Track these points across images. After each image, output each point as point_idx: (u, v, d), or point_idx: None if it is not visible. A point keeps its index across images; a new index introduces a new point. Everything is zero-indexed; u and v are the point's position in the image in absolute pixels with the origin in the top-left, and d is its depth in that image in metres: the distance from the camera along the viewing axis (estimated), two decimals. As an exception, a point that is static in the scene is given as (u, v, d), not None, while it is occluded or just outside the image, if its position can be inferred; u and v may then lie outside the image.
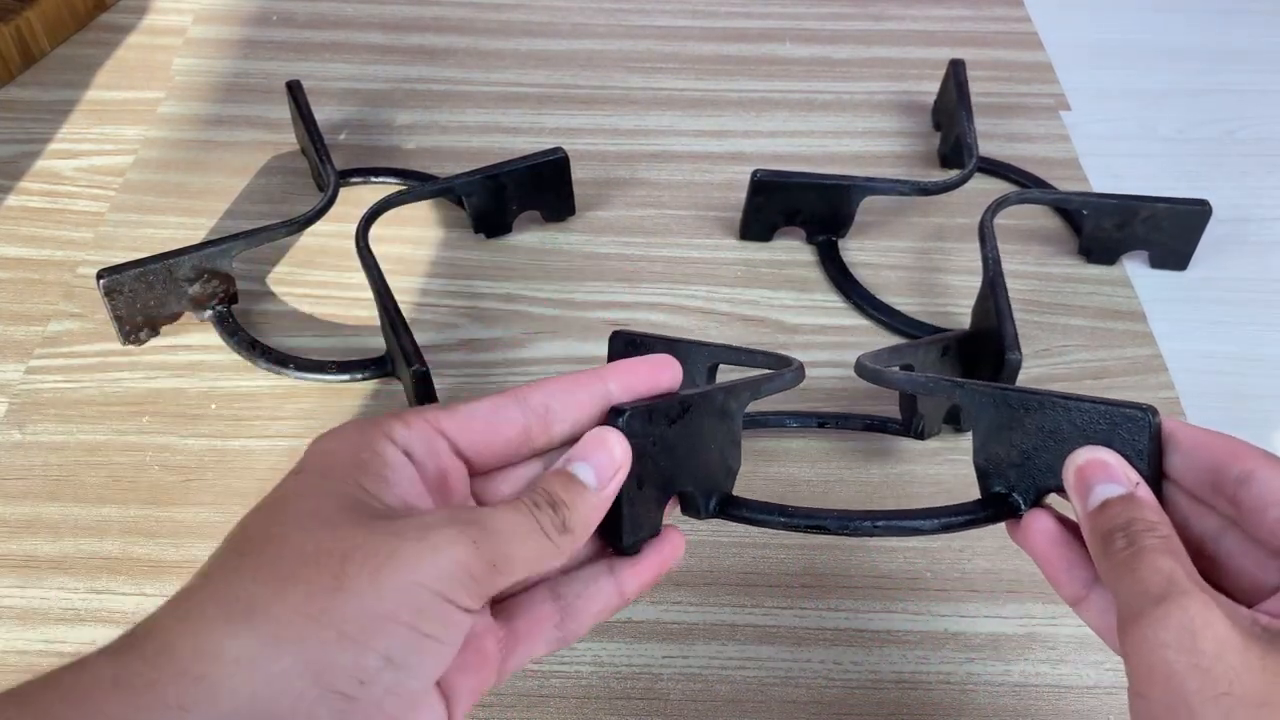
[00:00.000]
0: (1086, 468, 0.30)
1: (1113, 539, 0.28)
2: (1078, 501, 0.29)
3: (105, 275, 0.48)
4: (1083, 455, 0.30)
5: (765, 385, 0.35)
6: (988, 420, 0.32)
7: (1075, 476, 0.30)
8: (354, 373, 0.50)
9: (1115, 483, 0.29)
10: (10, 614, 0.42)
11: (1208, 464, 0.29)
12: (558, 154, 0.56)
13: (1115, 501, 0.29)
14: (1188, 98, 0.71)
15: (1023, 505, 0.32)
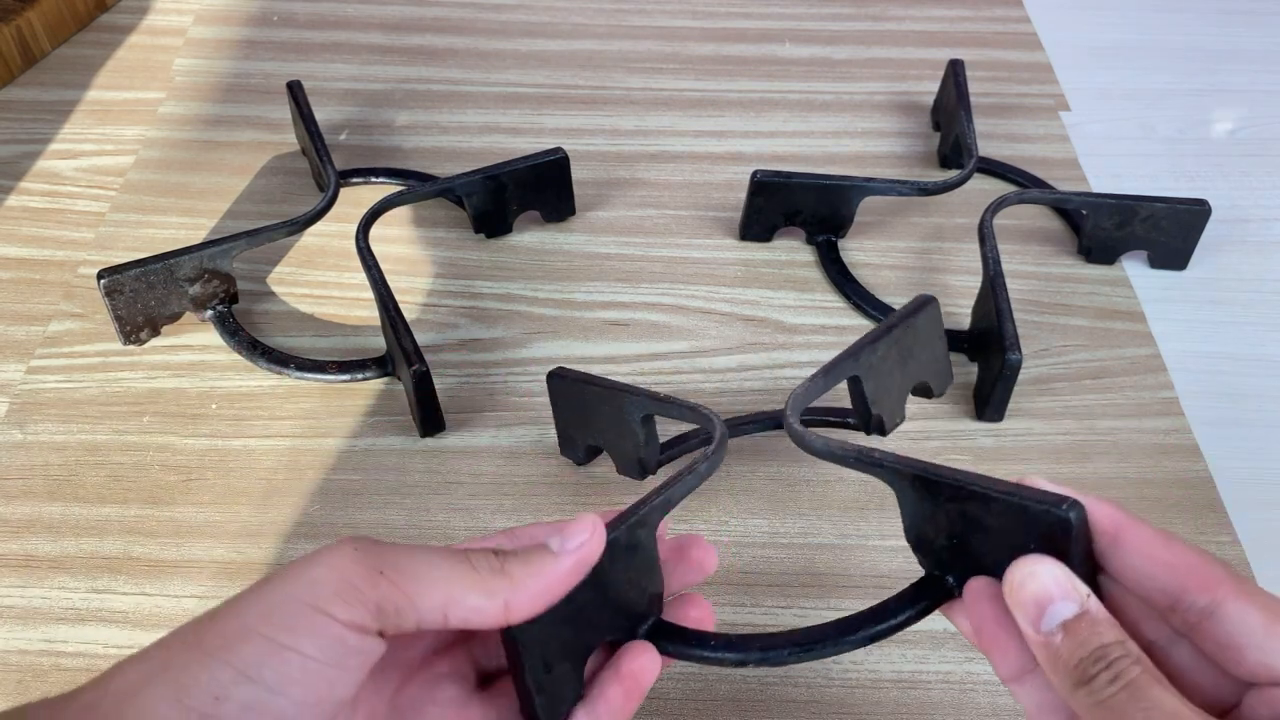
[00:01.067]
0: (1029, 583, 0.27)
1: (1089, 673, 0.25)
2: (1027, 624, 0.27)
3: (106, 275, 0.48)
4: (1021, 570, 0.27)
5: (677, 495, 0.32)
6: (911, 501, 0.31)
7: (1018, 596, 0.27)
8: (354, 373, 0.50)
9: (1066, 600, 0.26)
10: (11, 614, 0.42)
11: (1167, 584, 0.26)
12: (558, 154, 0.56)
13: (1073, 624, 0.26)
14: (1187, 98, 0.71)
15: (957, 590, 0.30)
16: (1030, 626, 0.26)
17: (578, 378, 0.44)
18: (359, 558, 0.26)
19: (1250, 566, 0.45)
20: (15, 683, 0.40)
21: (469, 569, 0.27)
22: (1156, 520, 0.47)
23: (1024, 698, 0.28)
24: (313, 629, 0.25)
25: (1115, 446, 0.50)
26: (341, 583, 0.25)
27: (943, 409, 0.51)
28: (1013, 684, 0.28)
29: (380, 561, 0.26)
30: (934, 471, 0.30)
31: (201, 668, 0.24)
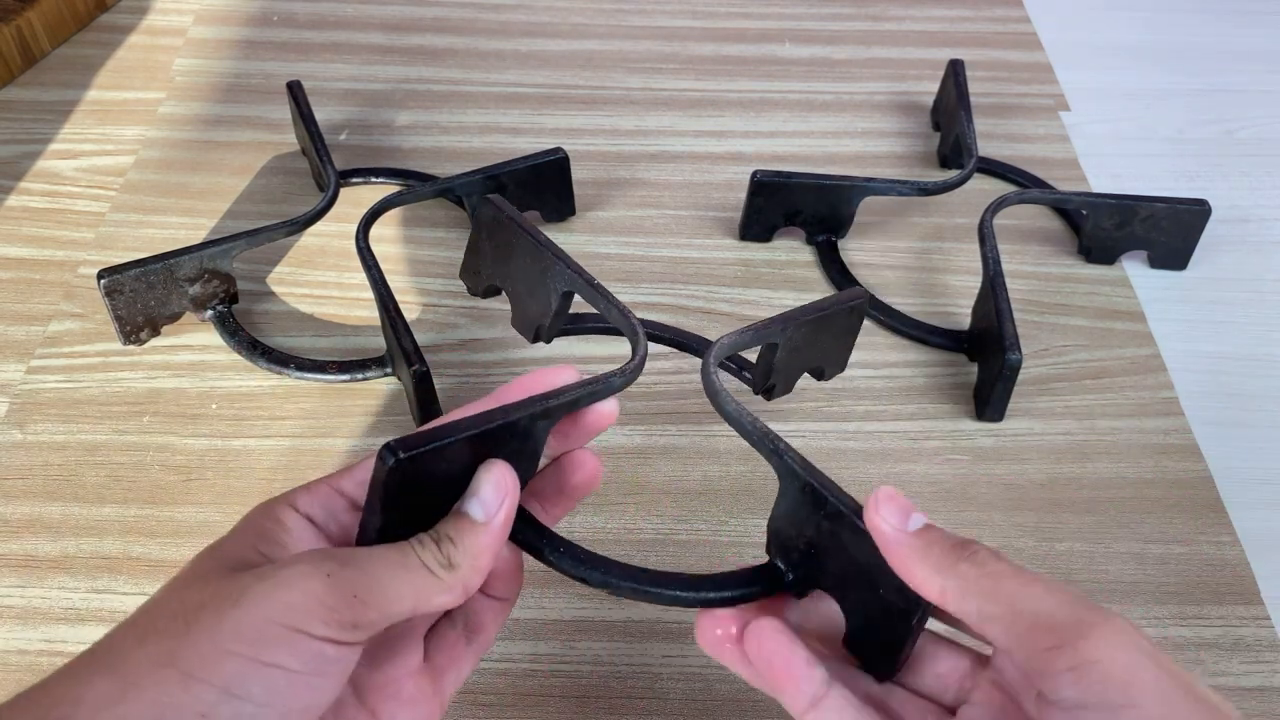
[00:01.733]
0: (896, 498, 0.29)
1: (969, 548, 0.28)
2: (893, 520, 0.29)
3: (106, 275, 0.48)
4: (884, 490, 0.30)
5: (584, 400, 0.33)
6: (791, 499, 0.32)
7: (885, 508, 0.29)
8: (354, 373, 0.50)
9: (920, 514, 0.29)
10: (11, 614, 0.42)
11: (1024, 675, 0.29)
12: (558, 154, 0.56)
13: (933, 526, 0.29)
14: (1187, 98, 0.71)
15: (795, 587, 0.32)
16: (897, 530, 0.29)
17: (511, 217, 0.42)
18: (332, 585, 0.27)
19: (1250, 566, 0.45)
20: (15, 683, 0.40)
21: (424, 575, 0.29)
22: (1157, 520, 0.47)
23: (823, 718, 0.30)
24: (294, 647, 0.26)
25: (1115, 446, 0.50)
26: (318, 606, 0.26)
27: (943, 409, 0.51)
28: (811, 713, 0.30)
29: (351, 586, 0.27)
30: (825, 486, 0.31)
31: (181, 688, 0.25)
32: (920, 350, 0.53)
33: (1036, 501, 0.47)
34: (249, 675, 0.25)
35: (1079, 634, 0.25)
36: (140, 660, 0.25)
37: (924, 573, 0.28)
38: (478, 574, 0.30)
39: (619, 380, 0.34)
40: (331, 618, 0.26)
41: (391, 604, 0.28)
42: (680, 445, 0.49)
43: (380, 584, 0.28)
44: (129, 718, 0.24)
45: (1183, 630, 0.43)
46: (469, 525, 0.30)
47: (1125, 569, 0.45)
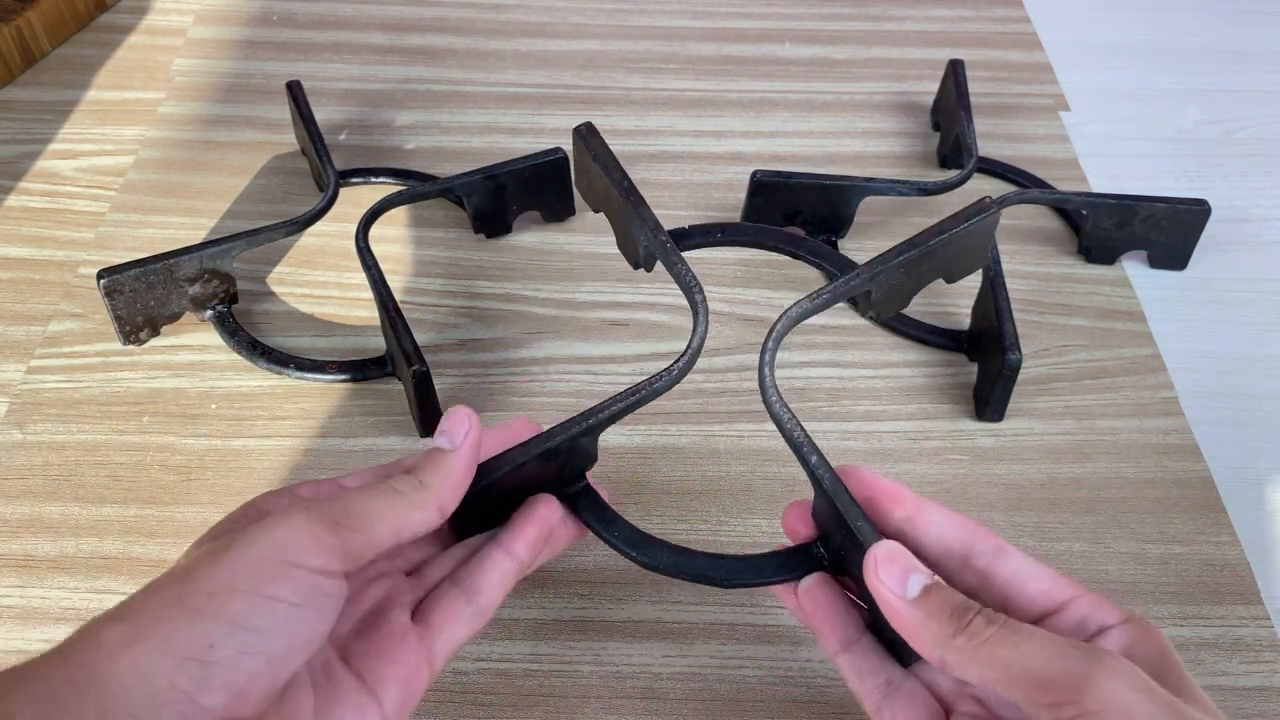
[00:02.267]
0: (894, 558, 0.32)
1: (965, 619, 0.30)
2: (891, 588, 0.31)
3: (105, 275, 0.48)
4: (882, 548, 0.32)
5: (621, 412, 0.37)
6: (822, 502, 0.36)
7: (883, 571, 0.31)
8: (354, 373, 0.50)
9: (919, 572, 0.31)
10: (11, 614, 0.42)
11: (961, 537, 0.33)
12: (557, 154, 0.56)
13: (932, 589, 0.31)
14: (1187, 98, 0.71)
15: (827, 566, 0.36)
16: (898, 592, 0.31)
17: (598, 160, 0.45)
18: (313, 516, 0.29)
19: (1250, 566, 0.45)
20: (15, 683, 0.40)
21: (398, 495, 0.32)
22: (1157, 520, 0.47)
23: (846, 666, 0.35)
24: (291, 580, 0.28)
25: (1115, 446, 0.50)
26: (307, 538, 0.29)
27: (942, 409, 0.51)
28: (839, 656, 0.35)
29: (332, 514, 0.30)
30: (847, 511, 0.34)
31: (190, 622, 0.27)
32: (920, 350, 0.53)
33: (1036, 501, 0.47)
34: (252, 608, 0.27)
35: (1076, 690, 0.27)
36: (150, 606, 0.27)
37: (923, 644, 0.31)
38: (449, 492, 0.33)
39: (661, 384, 0.38)
40: (321, 548, 0.29)
41: (374, 525, 0.30)
42: (680, 445, 0.49)
43: (361, 510, 0.30)
44: (143, 654, 0.26)
45: (1182, 630, 0.43)
46: (438, 453, 0.34)
47: (1125, 569, 0.45)
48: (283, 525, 0.29)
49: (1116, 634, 0.30)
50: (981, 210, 0.42)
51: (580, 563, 0.44)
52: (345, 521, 0.30)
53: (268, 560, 0.28)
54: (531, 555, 0.36)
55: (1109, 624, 0.31)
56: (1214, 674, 0.42)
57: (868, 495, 0.35)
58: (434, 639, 0.34)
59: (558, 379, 0.51)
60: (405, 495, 0.32)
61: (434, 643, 0.34)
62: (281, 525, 0.29)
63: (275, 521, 0.29)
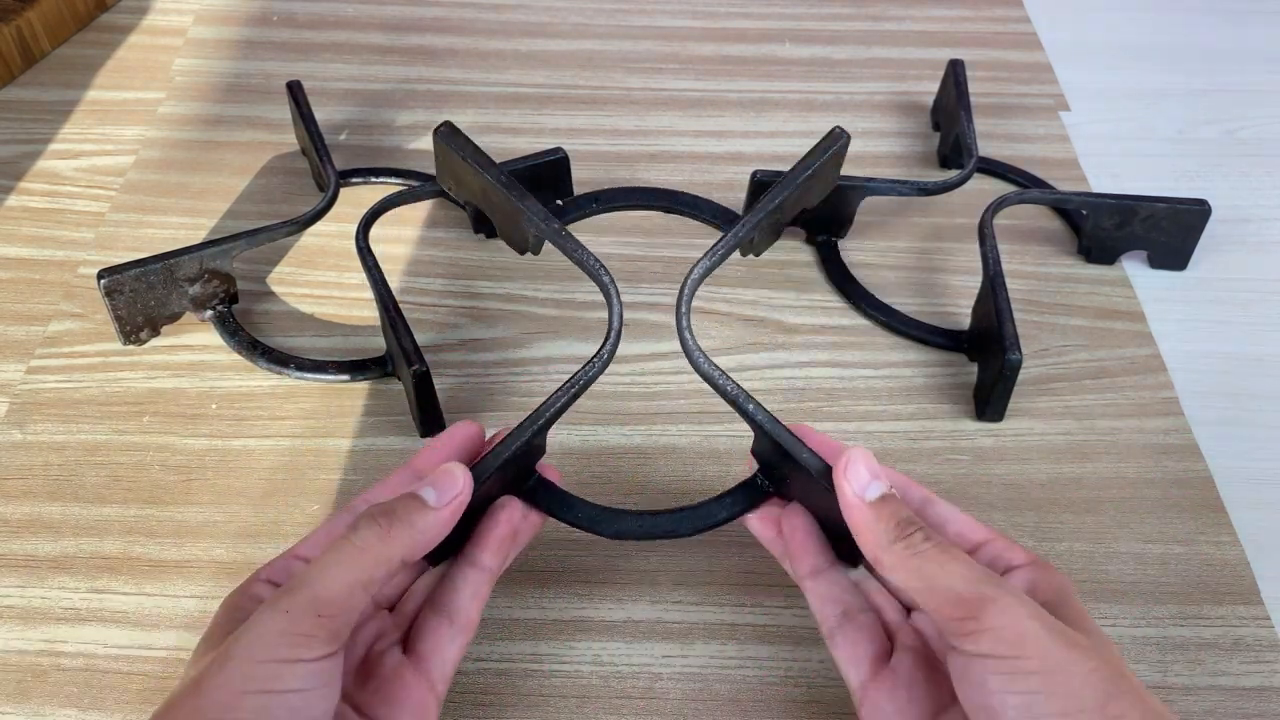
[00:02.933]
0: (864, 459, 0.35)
1: (906, 530, 0.33)
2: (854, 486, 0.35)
3: (106, 275, 0.48)
4: (850, 455, 0.35)
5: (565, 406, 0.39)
6: (764, 443, 0.39)
7: (850, 473, 0.35)
8: (354, 373, 0.50)
9: (880, 480, 0.35)
10: (11, 614, 0.42)
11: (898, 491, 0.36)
12: (558, 154, 0.56)
13: (888, 496, 0.35)
14: (1187, 98, 0.71)
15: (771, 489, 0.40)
16: (858, 496, 0.34)
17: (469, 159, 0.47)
18: (292, 618, 0.31)
19: (1250, 566, 0.45)
20: (15, 683, 0.40)
21: (362, 553, 0.32)
22: (1157, 520, 0.47)
23: (811, 590, 0.37)
24: (296, 674, 0.30)
25: (1115, 446, 0.50)
26: (289, 638, 0.30)
27: (943, 409, 0.51)
28: (805, 580, 0.38)
29: (312, 605, 0.31)
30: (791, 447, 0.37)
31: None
32: (920, 350, 0.53)
33: (1036, 501, 0.47)
34: (267, 704, 0.30)
35: (980, 608, 0.31)
36: None
37: (866, 541, 0.34)
38: (417, 549, 0.34)
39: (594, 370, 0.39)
40: (311, 643, 0.31)
41: (346, 600, 0.32)
42: (680, 445, 0.49)
43: (327, 588, 0.31)
44: None
45: (1182, 630, 0.43)
46: (418, 505, 0.34)
47: (1125, 569, 0.45)
48: (268, 627, 0.30)
49: (1022, 573, 0.34)
50: (833, 140, 0.47)
51: (581, 563, 0.44)
52: (324, 610, 0.31)
53: (270, 663, 0.30)
54: (499, 561, 0.37)
55: (1015, 563, 0.35)
56: (1214, 674, 0.42)
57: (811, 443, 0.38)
58: (429, 668, 0.35)
59: (558, 379, 0.51)
60: (369, 552, 0.32)
61: (430, 672, 0.35)
62: (267, 628, 0.30)
63: (264, 625, 0.31)
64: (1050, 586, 0.34)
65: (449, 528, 0.34)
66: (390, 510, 0.33)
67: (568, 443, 0.49)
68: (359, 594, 0.32)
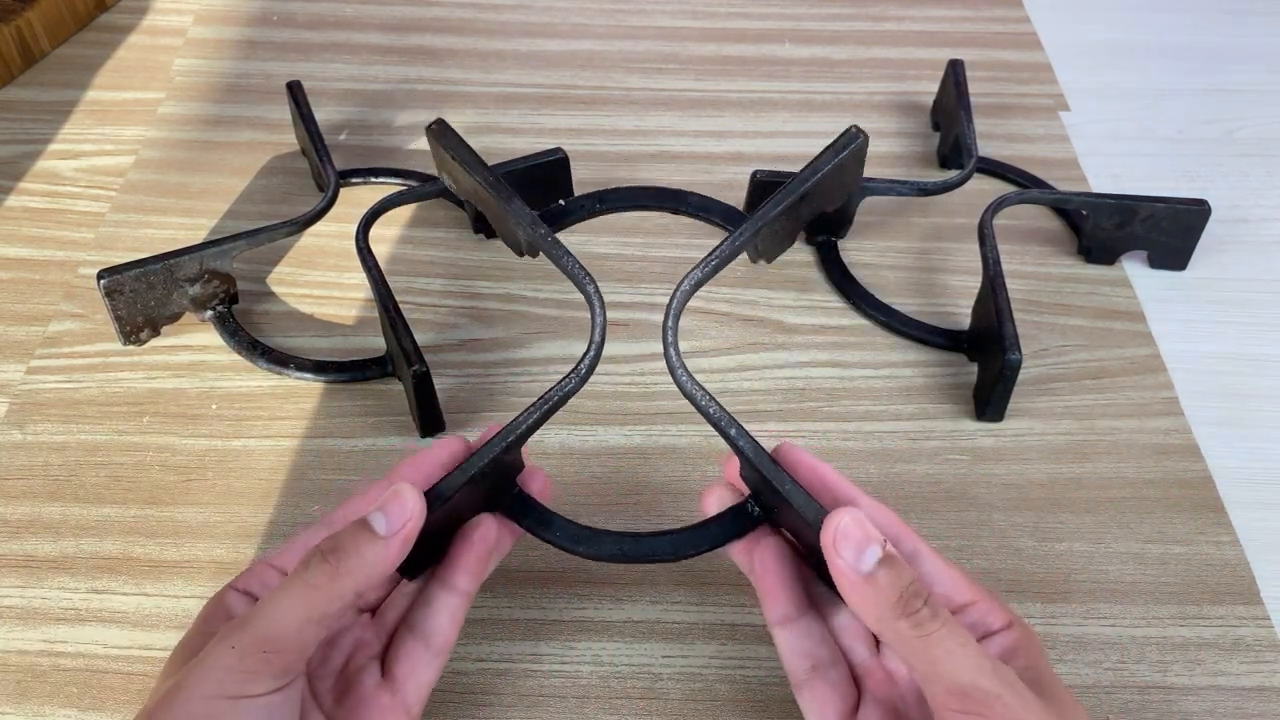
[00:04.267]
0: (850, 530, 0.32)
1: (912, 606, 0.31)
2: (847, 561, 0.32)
3: (106, 275, 0.48)
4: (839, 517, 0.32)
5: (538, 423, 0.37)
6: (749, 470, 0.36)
7: (839, 543, 0.32)
8: (354, 373, 0.50)
9: (875, 543, 0.32)
10: (11, 614, 0.42)
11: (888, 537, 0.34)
12: (558, 154, 0.56)
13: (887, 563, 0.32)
14: (1187, 98, 0.71)
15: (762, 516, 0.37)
16: (852, 570, 0.32)
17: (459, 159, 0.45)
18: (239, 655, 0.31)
19: (1250, 566, 0.45)
20: (15, 683, 0.40)
21: (313, 591, 0.32)
22: (1157, 520, 0.47)
23: (780, 639, 0.36)
24: (242, 711, 0.30)
25: (1115, 446, 0.50)
26: (239, 673, 0.30)
27: (943, 409, 0.51)
28: (777, 628, 0.36)
29: (257, 642, 0.31)
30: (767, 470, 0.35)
31: None
32: (920, 350, 0.53)
33: (1036, 501, 0.47)
34: None
35: (986, 705, 0.30)
36: None
37: (865, 615, 0.32)
38: (367, 580, 0.32)
39: (571, 385, 0.38)
40: (257, 680, 0.31)
41: (296, 638, 0.31)
42: (680, 445, 0.49)
43: (276, 625, 0.31)
44: None
45: (1182, 630, 0.43)
46: (367, 536, 0.33)
47: (1125, 569, 0.45)
48: (215, 665, 0.31)
49: (1001, 638, 0.34)
50: (850, 140, 0.44)
51: (580, 563, 0.44)
52: (271, 647, 0.31)
53: (217, 699, 0.30)
54: (474, 583, 0.37)
55: (996, 628, 0.34)
56: (1214, 674, 0.42)
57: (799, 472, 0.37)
58: (404, 691, 0.35)
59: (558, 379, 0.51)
60: (320, 590, 0.32)
61: (405, 695, 0.35)
62: (215, 666, 0.31)
63: (208, 661, 0.31)
64: (1031, 651, 0.34)
65: (400, 557, 0.33)
66: (338, 546, 0.32)
67: (568, 443, 0.49)
68: (309, 630, 0.32)
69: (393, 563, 0.33)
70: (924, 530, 0.46)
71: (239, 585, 0.35)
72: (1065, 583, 0.45)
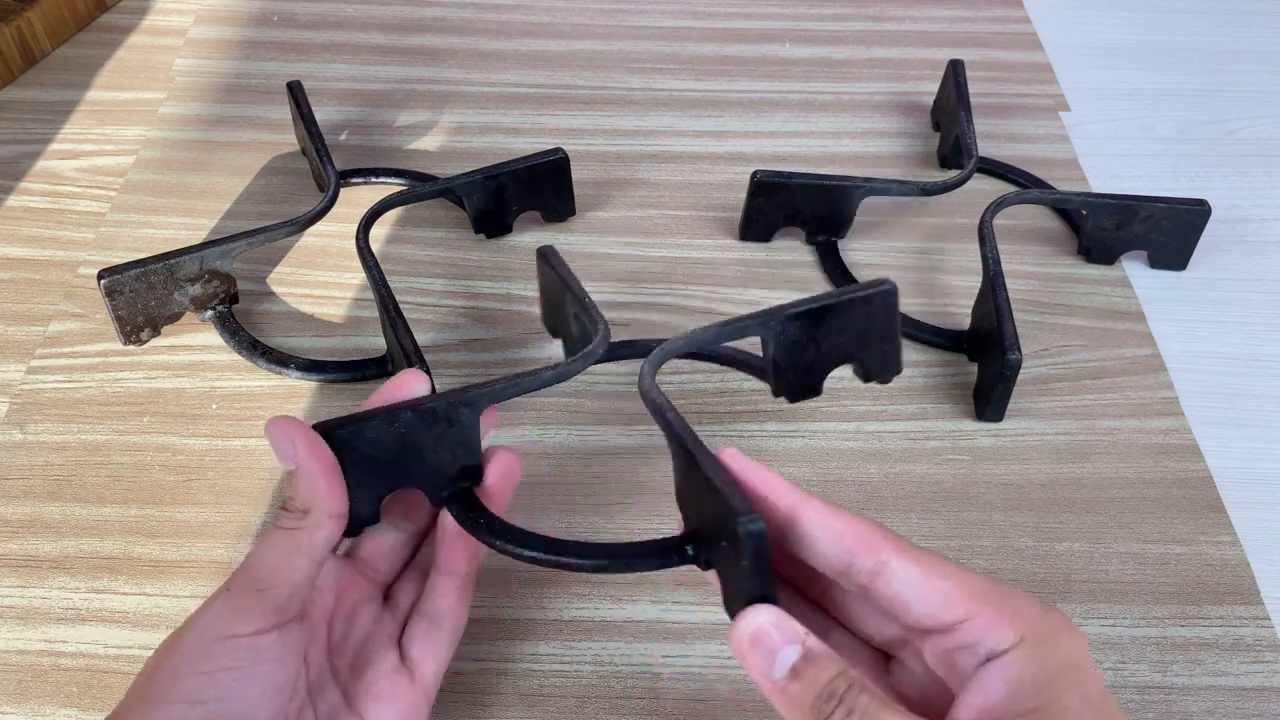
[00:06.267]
0: (757, 640, 0.29)
1: (824, 710, 0.28)
2: (758, 674, 0.29)
3: (106, 275, 0.48)
4: (742, 624, 0.29)
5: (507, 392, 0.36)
6: (680, 464, 0.33)
7: (748, 653, 0.29)
8: (354, 373, 0.50)
9: (790, 644, 0.29)
10: (11, 614, 0.42)
11: (838, 551, 0.30)
12: (558, 154, 0.56)
13: (800, 667, 0.28)
14: (1187, 98, 0.71)
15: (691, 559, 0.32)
16: (764, 678, 0.29)
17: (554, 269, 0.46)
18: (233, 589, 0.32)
19: (1250, 566, 0.45)
20: (15, 683, 0.40)
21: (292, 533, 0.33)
22: (1157, 520, 0.47)
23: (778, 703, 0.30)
24: (228, 651, 0.31)
25: (1115, 446, 0.50)
26: (231, 611, 0.32)
27: (943, 409, 0.51)
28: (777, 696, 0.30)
29: (248, 581, 0.32)
30: (691, 442, 0.32)
31: (156, 710, 0.30)
32: (920, 350, 0.53)
33: (1036, 501, 0.47)
34: (202, 686, 0.30)
35: None
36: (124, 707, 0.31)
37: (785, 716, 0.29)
38: (328, 499, 0.33)
39: (549, 374, 0.38)
40: (247, 616, 0.31)
41: (287, 572, 0.32)
42: (680, 445, 0.49)
43: (270, 566, 0.32)
44: None
45: (1183, 630, 0.43)
46: (291, 476, 0.34)
47: (1125, 569, 0.45)
48: (210, 608, 0.32)
49: (1005, 661, 0.28)
50: (876, 284, 0.40)
51: (580, 563, 0.44)
52: (262, 584, 0.32)
53: (204, 640, 0.31)
54: (470, 565, 0.37)
55: (1000, 649, 0.28)
56: (1214, 674, 0.42)
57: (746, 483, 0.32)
58: (420, 670, 0.36)
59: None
60: (298, 530, 0.33)
61: (422, 674, 0.36)
62: (209, 608, 0.32)
63: (205, 605, 0.32)
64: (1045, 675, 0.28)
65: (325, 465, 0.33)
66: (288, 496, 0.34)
67: (568, 443, 0.49)
68: (298, 564, 0.33)
69: (323, 471, 0.33)
70: (924, 530, 0.46)
71: None
72: (1065, 583, 0.45)
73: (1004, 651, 0.28)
